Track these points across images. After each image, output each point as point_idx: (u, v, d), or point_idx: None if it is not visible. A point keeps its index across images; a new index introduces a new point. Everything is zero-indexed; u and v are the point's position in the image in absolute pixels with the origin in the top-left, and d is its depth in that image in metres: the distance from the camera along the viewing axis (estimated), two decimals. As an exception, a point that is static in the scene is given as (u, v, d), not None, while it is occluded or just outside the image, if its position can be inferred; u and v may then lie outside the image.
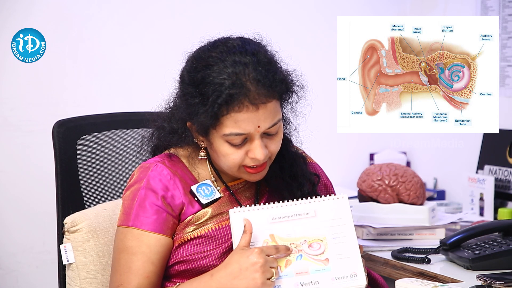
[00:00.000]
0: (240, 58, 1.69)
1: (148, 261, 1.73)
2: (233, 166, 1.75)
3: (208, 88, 1.68)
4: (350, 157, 3.36)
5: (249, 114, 1.68)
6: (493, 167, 2.89)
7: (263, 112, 1.70)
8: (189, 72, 1.74)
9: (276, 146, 1.77)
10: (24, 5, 2.77)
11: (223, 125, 1.70)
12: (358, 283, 1.67)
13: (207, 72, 1.69)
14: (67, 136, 2.05)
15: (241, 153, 1.73)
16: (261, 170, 1.77)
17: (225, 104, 1.67)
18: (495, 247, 2.12)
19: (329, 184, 1.97)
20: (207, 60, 1.71)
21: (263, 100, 1.69)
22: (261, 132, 1.72)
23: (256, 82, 1.68)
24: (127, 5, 2.95)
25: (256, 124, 1.70)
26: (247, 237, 1.67)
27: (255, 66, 1.69)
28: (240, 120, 1.69)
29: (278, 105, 1.73)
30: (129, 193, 1.78)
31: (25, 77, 2.80)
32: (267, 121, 1.71)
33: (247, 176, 1.78)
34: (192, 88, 1.71)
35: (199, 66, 1.71)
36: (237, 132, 1.70)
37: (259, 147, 1.72)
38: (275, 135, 1.75)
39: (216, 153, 1.75)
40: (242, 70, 1.68)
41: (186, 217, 1.77)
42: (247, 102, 1.67)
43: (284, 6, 3.21)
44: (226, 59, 1.69)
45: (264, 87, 1.69)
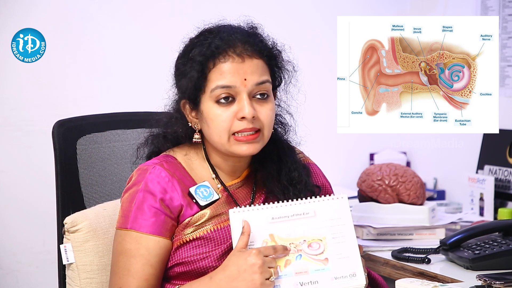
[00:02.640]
0: (230, 28, 1.78)
1: (147, 264, 1.73)
2: (223, 131, 1.74)
3: (196, 49, 1.75)
4: (350, 157, 3.36)
5: (234, 64, 1.72)
6: (493, 167, 2.89)
7: (249, 66, 1.73)
8: (182, 51, 1.80)
9: (266, 114, 1.76)
10: (24, 5, 2.77)
11: (210, 81, 1.73)
12: (357, 282, 1.67)
13: (196, 41, 1.77)
14: (67, 136, 2.05)
15: (229, 114, 1.73)
16: (251, 138, 1.75)
17: (211, 57, 1.72)
18: (495, 247, 2.12)
19: (328, 184, 1.96)
20: (198, 37, 1.78)
21: (249, 53, 1.74)
22: (248, 88, 1.73)
23: (243, 42, 1.74)
24: (127, 5, 2.95)
25: (242, 76, 1.72)
26: (244, 238, 1.67)
27: (242, 31, 1.77)
28: (225, 70, 1.72)
29: (265, 66, 1.77)
30: (128, 195, 1.78)
31: (25, 77, 2.80)
32: (253, 76, 1.73)
33: (238, 148, 1.75)
34: (183, 58, 1.78)
35: (190, 42, 1.79)
36: (222, 83, 1.72)
37: (247, 104, 1.73)
38: (264, 101, 1.76)
39: (207, 121, 1.75)
40: (229, 32, 1.75)
41: (184, 218, 1.77)
42: (232, 53, 1.73)
43: (284, 6, 3.21)
44: (215, 30, 1.77)
45: (250, 44, 1.75)
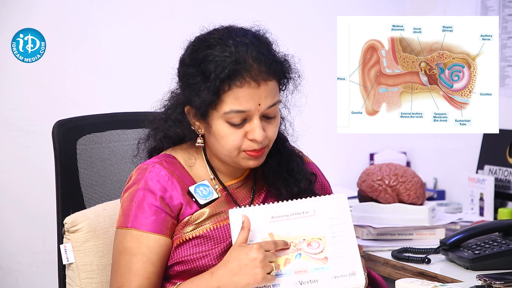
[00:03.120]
0: (242, 39, 1.72)
1: (148, 262, 1.73)
2: (232, 149, 1.74)
3: (210, 65, 1.70)
4: (350, 157, 3.36)
5: (250, 90, 1.69)
6: (493, 167, 2.89)
7: (264, 90, 1.71)
8: (190, 54, 1.75)
9: (274, 131, 1.76)
10: (24, 5, 2.77)
11: (223, 103, 1.70)
12: (357, 282, 1.67)
13: (209, 51, 1.71)
14: (67, 136, 2.05)
15: (240, 135, 1.72)
16: (259, 154, 1.75)
17: (227, 79, 1.68)
18: (495, 247, 2.12)
19: (327, 183, 1.97)
20: (208, 41, 1.73)
21: (264, 77, 1.70)
22: (261, 111, 1.72)
23: (258, 60, 1.70)
24: (127, 5, 2.95)
25: (257, 101, 1.70)
26: (245, 233, 1.67)
27: (256, 46, 1.72)
28: (241, 96, 1.69)
29: (277, 87, 1.75)
30: (128, 194, 1.78)
31: (25, 77, 2.80)
32: (267, 100, 1.71)
33: (245, 162, 1.76)
34: (193, 68, 1.73)
35: (201, 47, 1.73)
36: (238, 109, 1.70)
37: (258, 128, 1.72)
38: (273, 119, 1.76)
39: (215, 136, 1.74)
40: (244, 49, 1.70)
41: (184, 217, 1.77)
42: (249, 78, 1.69)
43: (284, 6, 3.21)
44: (228, 39, 1.72)
45: (265, 65, 1.71)
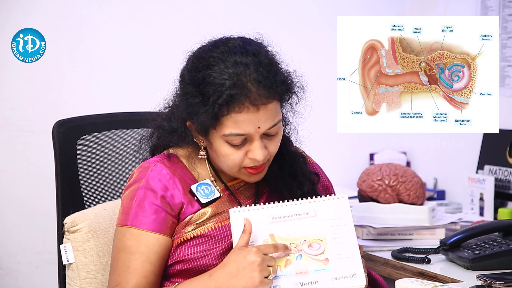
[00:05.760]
0: (241, 58, 1.69)
1: (146, 261, 1.73)
2: (233, 166, 1.75)
3: (209, 88, 1.68)
4: (350, 157, 3.36)
5: (249, 115, 1.68)
6: (493, 167, 2.89)
7: (264, 113, 1.69)
8: (190, 71, 1.73)
9: (275, 147, 1.76)
10: (24, 5, 2.77)
11: (223, 126, 1.69)
12: (357, 283, 1.67)
13: (208, 72, 1.69)
14: (67, 136, 2.05)
15: (240, 154, 1.73)
16: (260, 170, 1.77)
17: (225, 105, 1.67)
18: (495, 247, 2.12)
19: (329, 183, 1.97)
20: (208, 60, 1.70)
21: (263, 101, 1.68)
22: (261, 133, 1.72)
23: (257, 83, 1.68)
24: (126, 5, 2.94)
25: (257, 125, 1.70)
26: (246, 236, 1.67)
27: (256, 66, 1.69)
28: (241, 120, 1.68)
29: (278, 106, 1.73)
30: (128, 192, 1.78)
31: (25, 77, 2.80)
32: (267, 122, 1.71)
33: (246, 177, 1.78)
34: (192, 87, 1.71)
35: (200, 66, 1.71)
36: (237, 132, 1.70)
37: (259, 148, 1.72)
38: (274, 136, 1.75)
39: (216, 153, 1.75)
40: (243, 70, 1.68)
41: (185, 216, 1.77)
42: (248, 103, 1.67)
43: (285, 6, 3.21)
44: (227, 59, 1.69)
45: (265, 88, 1.68)
